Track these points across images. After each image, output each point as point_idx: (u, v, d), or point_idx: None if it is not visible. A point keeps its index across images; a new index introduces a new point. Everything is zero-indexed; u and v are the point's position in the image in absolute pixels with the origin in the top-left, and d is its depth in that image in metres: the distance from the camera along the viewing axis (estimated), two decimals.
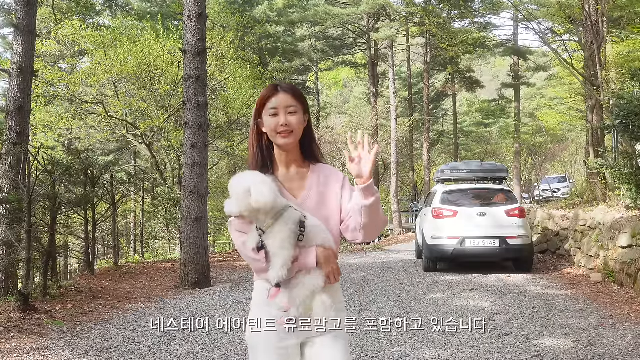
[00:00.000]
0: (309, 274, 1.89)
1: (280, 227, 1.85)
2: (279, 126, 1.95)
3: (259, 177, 1.88)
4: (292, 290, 1.90)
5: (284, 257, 1.84)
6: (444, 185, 10.57)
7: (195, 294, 8.15)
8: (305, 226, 1.88)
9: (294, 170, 2.04)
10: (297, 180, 2.03)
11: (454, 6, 23.85)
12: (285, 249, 1.84)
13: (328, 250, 1.92)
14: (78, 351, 4.87)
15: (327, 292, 1.92)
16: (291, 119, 1.97)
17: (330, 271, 1.91)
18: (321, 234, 1.92)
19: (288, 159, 2.03)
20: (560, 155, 29.48)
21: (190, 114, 8.98)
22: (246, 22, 21.16)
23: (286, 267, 1.84)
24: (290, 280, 1.89)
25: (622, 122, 8.28)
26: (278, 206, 1.86)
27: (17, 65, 7.51)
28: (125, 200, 16.50)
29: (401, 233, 22.24)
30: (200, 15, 8.98)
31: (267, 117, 1.98)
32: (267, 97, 2.00)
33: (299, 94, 2.01)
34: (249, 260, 1.96)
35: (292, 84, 2.27)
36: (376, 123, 25.19)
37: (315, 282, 1.89)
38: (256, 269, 1.97)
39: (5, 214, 7.11)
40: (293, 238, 1.85)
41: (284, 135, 1.96)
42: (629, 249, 7.30)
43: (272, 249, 1.85)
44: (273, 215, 1.85)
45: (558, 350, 4.62)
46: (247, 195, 1.82)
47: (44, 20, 18.06)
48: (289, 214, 1.87)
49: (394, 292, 7.69)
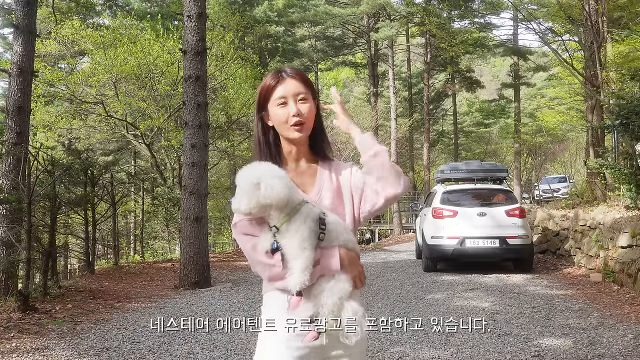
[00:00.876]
0: (333, 278, 1.66)
1: (298, 225, 1.61)
2: (291, 117, 1.73)
3: (270, 169, 1.65)
4: (315, 298, 1.65)
5: (305, 259, 1.60)
6: (444, 185, 10.57)
7: (195, 294, 8.15)
8: (326, 224, 1.66)
9: (304, 164, 1.83)
10: (308, 175, 1.81)
11: (454, 6, 23.85)
12: (306, 249, 1.61)
13: (351, 252, 1.70)
14: (78, 351, 4.87)
15: (355, 299, 1.68)
16: (303, 107, 1.75)
17: (356, 275, 1.69)
18: (343, 233, 1.71)
19: (298, 153, 1.81)
20: (560, 155, 29.49)
21: (190, 114, 8.98)
22: (246, 22, 21.18)
23: (308, 271, 1.60)
24: (312, 287, 1.65)
25: (622, 122, 8.29)
26: (294, 201, 1.63)
27: (17, 65, 7.51)
28: (125, 200, 16.50)
29: (401, 233, 22.25)
30: (200, 15, 8.98)
31: (274, 108, 1.76)
32: (272, 86, 1.76)
33: (306, 79, 1.80)
34: (261, 267, 1.69)
35: (296, 67, 2.02)
36: (376, 123, 25.20)
37: (343, 287, 1.65)
38: (271, 275, 1.68)
39: (5, 214, 7.11)
40: (313, 237, 1.62)
41: (297, 128, 1.74)
42: (629, 249, 7.30)
43: (289, 250, 1.61)
44: (289, 211, 1.62)
45: (558, 350, 4.62)
46: (256, 190, 1.60)
47: (44, 20, 18.06)
48: (306, 209, 1.64)
49: (394, 292, 7.69)
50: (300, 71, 1.82)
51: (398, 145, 23.82)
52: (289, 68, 1.82)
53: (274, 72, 1.80)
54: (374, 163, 1.72)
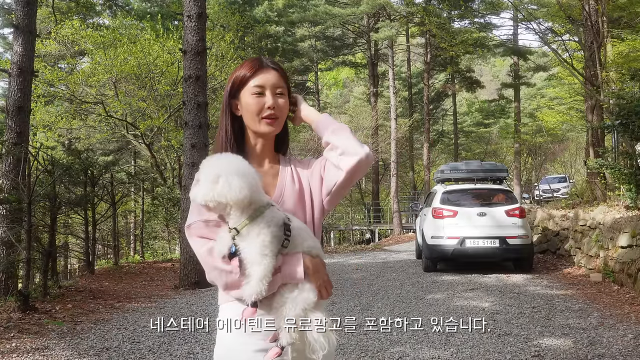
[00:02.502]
0: (297, 288, 1.52)
1: (260, 229, 1.47)
2: (265, 109, 1.60)
3: (236, 165, 1.50)
4: (277, 310, 1.51)
5: (264, 267, 1.46)
6: (444, 185, 10.57)
7: (195, 294, 8.15)
8: (291, 229, 1.53)
9: (266, 164, 1.70)
10: (270, 176, 1.68)
11: (454, 6, 23.85)
12: (267, 256, 1.46)
13: (316, 259, 1.57)
14: (78, 351, 4.87)
15: (321, 310, 1.54)
16: (279, 101, 1.63)
17: (321, 283, 1.55)
18: (308, 239, 1.58)
19: (262, 150, 1.69)
20: (560, 155, 29.49)
21: (190, 114, 8.98)
22: (246, 22, 21.17)
23: (266, 280, 1.46)
24: (273, 297, 1.51)
25: (622, 122, 8.29)
26: (258, 202, 1.49)
27: (17, 65, 7.51)
28: (125, 200, 16.51)
29: (401, 233, 22.24)
30: (200, 15, 8.98)
31: (248, 96, 1.62)
32: (251, 73, 1.63)
33: (286, 75, 1.68)
34: (216, 274, 1.52)
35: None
36: (376, 123, 25.20)
37: (307, 298, 1.51)
38: (227, 283, 1.52)
39: (5, 214, 7.11)
40: (276, 243, 1.48)
41: (269, 122, 1.62)
42: (629, 249, 7.30)
43: (248, 255, 1.47)
44: (251, 212, 1.48)
45: (558, 350, 4.62)
46: (214, 184, 1.46)
47: (44, 20, 18.06)
48: (270, 213, 1.50)
49: (394, 292, 7.69)
50: (280, 64, 1.70)
51: (398, 145, 23.80)
52: (270, 59, 1.69)
53: (253, 59, 1.67)
54: (334, 140, 1.58)
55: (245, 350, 1.53)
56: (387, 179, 28.96)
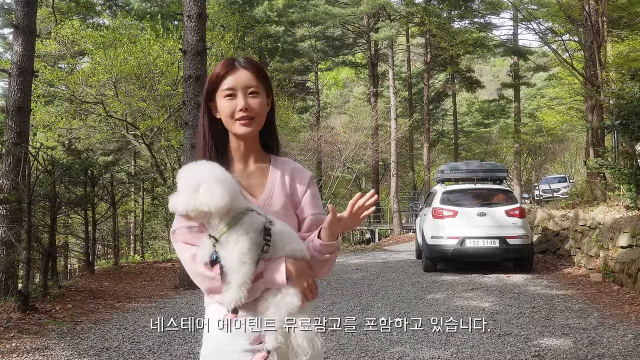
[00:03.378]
0: (280, 292, 1.52)
1: (239, 236, 1.48)
2: (237, 111, 1.60)
3: (214, 172, 1.49)
4: (261, 315, 1.52)
5: (242, 274, 1.47)
6: (444, 185, 10.57)
7: (195, 294, 8.15)
8: (271, 234, 1.52)
9: (252, 164, 1.68)
10: (257, 177, 1.67)
11: (454, 6, 23.86)
12: (245, 263, 1.47)
13: (300, 262, 1.55)
14: (78, 351, 4.87)
15: (306, 314, 1.53)
16: (252, 102, 1.61)
17: (305, 287, 1.54)
18: (291, 242, 1.56)
19: (246, 150, 1.67)
20: (560, 155, 29.48)
21: (190, 114, 8.98)
22: (246, 22, 21.17)
23: (245, 287, 1.47)
24: (257, 302, 1.53)
25: (622, 122, 8.29)
26: (236, 209, 1.49)
27: (17, 65, 7.51)
28: (125, 200, 16.51)
29: (401, 233, 22.24)
30: (200, 15, 8.98)
31: (221, 100, 1.62)
32: (221, 75, 1.62)
33: (261, 72, 1.65)
34: (200, 279, 1.54)
35: (253, 58, 1.88)
36: (376, 123, 25.19)
37: (291, 302, 1.51)
38: (209, 288, 1.55)
39: (5, 214, 7.11)
40: (255, 250, 1.48)
41: (244, 123, 1.60)
42: (629, 249, 7.30)
43: (228, 263, 1.48)
44: (229, 220, 1.48)
45: (558, 350, 4.62)
46: (195, 193, 1.45)
47: (44, 20, 18.06)
48: (249, 218, 1.50)
49: (394, 292, 7.69)
50: (256, 62, 1.67)
51: (398, 145, 23.80)
52: (244, 58, 1.66)
53: (225, 60, 1.66)
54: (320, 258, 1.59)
55: (230, 351, 1.54)
56: (387, 179, 28.95)
